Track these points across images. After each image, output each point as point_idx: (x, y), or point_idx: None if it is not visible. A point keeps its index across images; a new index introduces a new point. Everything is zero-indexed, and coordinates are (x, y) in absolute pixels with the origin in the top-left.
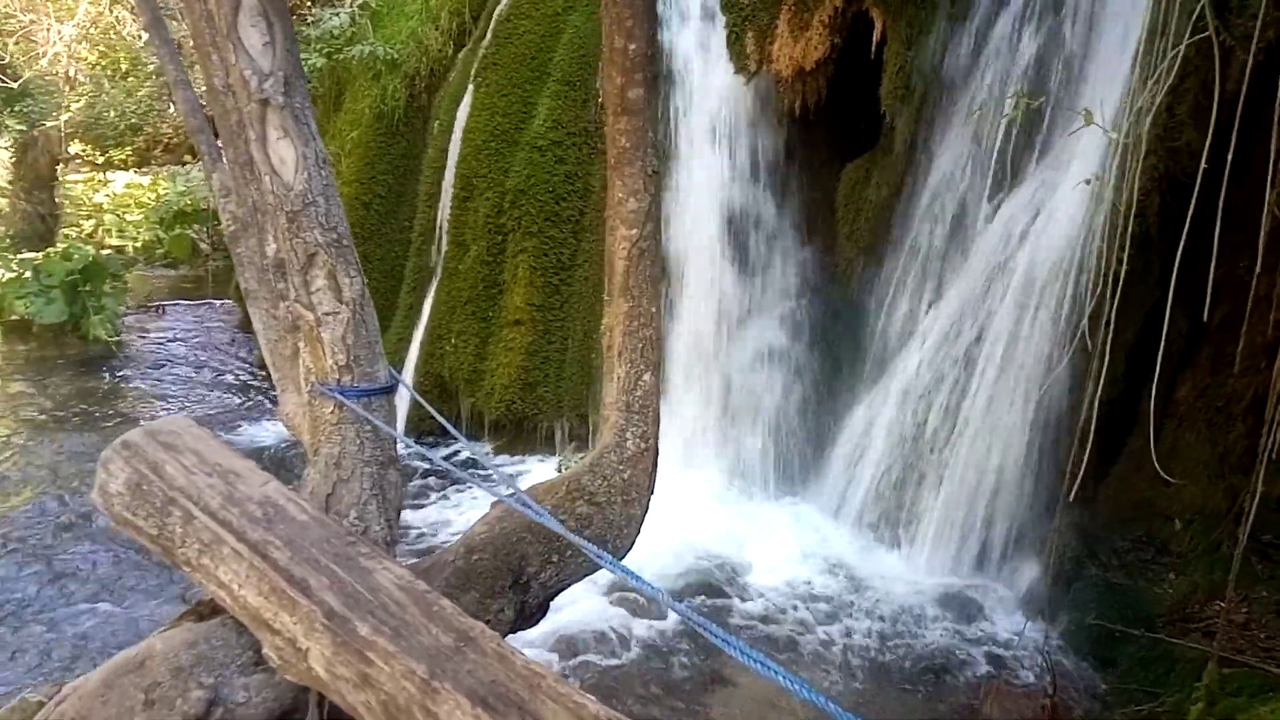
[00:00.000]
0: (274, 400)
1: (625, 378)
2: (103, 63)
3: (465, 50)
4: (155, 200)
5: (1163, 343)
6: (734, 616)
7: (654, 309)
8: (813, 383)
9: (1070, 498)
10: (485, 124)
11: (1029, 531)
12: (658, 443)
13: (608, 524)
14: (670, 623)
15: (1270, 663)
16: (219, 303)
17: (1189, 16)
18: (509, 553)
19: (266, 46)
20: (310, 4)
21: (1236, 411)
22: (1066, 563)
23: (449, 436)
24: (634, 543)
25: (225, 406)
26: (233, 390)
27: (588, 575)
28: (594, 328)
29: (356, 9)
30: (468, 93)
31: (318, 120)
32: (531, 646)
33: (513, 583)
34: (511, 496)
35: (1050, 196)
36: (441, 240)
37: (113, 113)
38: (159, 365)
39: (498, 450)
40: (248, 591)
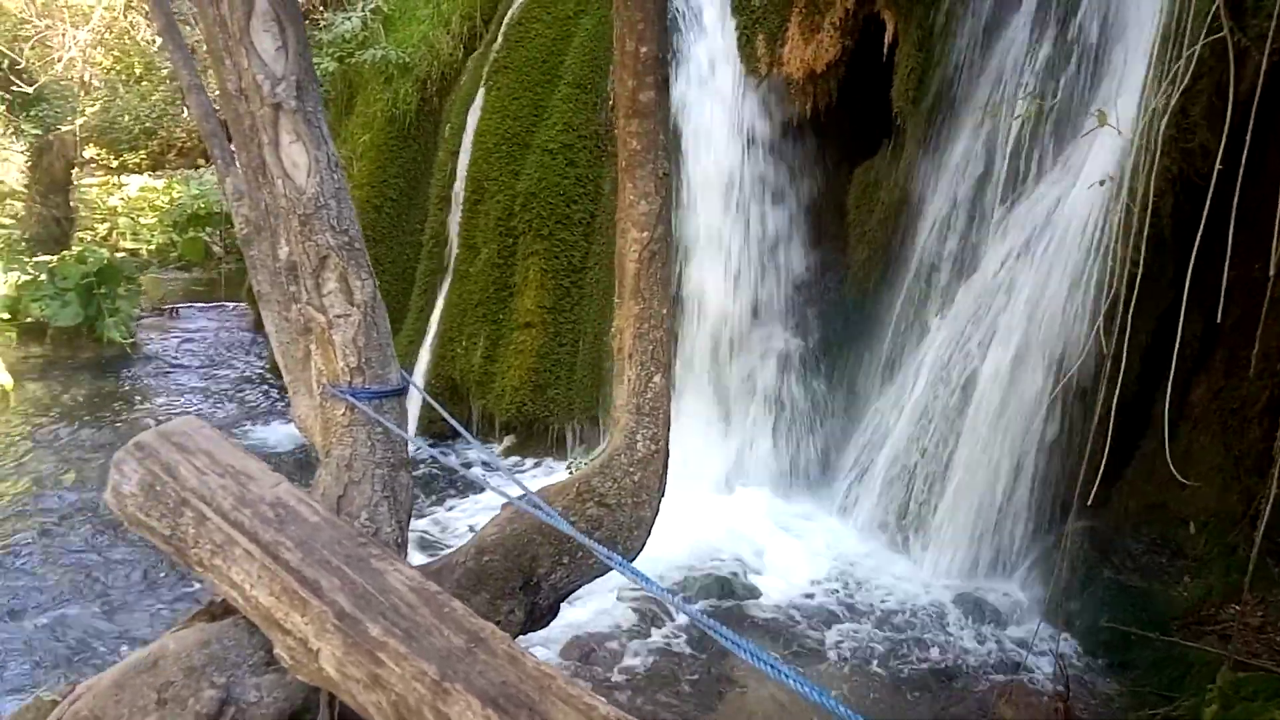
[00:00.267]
0: (286, 402)
1: (636, 380)
2: (117, 67)
3: (476, 54)
4: (169, 204)
5: (1177, 345)
6: (743, 619)
7: (665, 311)
8: (823, 384)
9: (1089, 501)
10: (496, 127)
11: (1042, 534)
12: (668, 445)
13: (618, 526)
14: (679, 625)
15: None
16: (232, 305)
17: (1204, 17)
18: (519, 554)
19: (279, 51)
20: (322, 8)
21: (1251, 415)
22: (1080, 565)
23: (460, 438)
24: (644, 545)
25: (238, 408)
26: (245, 392)
27: (598, 577)
28: (605, 330)
29: (368, 13)
30: (479, 96)
31: (330, 124)
32: (540, 648)
33: (523, 584)
34: (522, 498)
35: (1063, 198)
36: (452, 243)
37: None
38: (173, 367)
39: (508, 452)
40: (259, 592)
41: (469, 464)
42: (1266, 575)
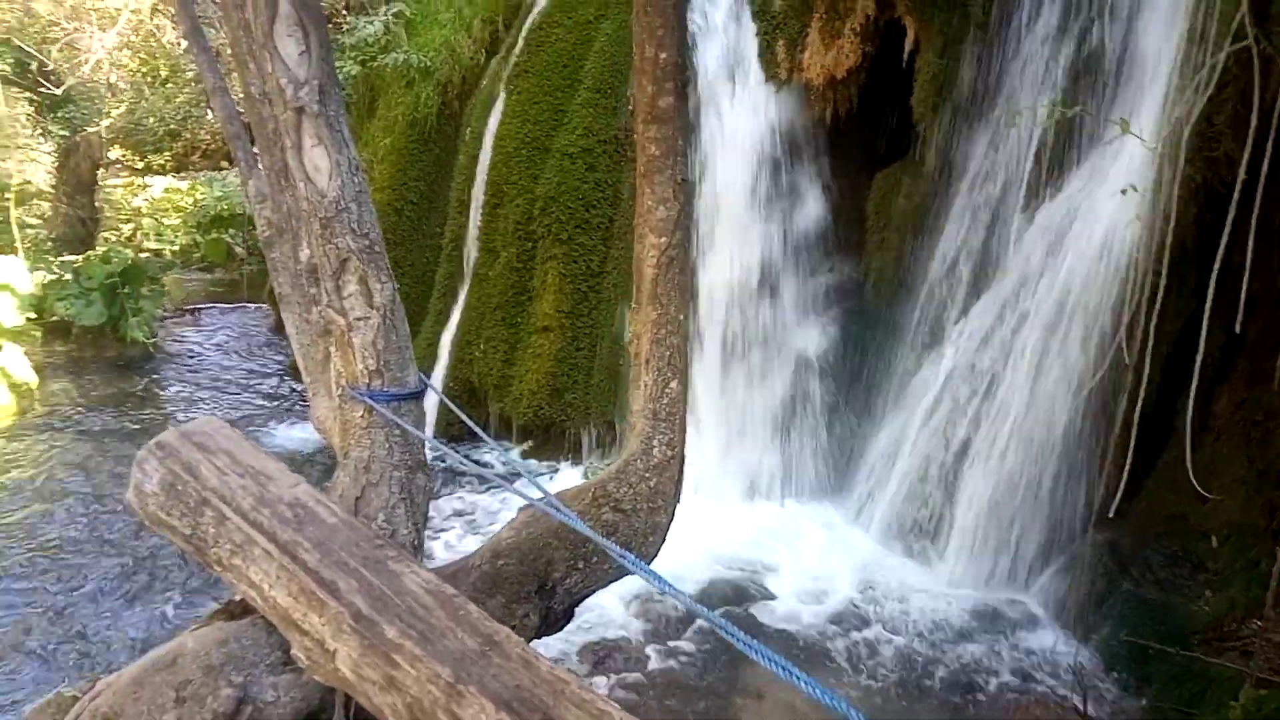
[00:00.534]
0: (305, 403)
1: (652, 385)
2: (143, 70)
3: (497, 58)
4: (192, 205)
5: (1200, 356)
6: (757, 627)
7: (682, 317)
8: (841, 391)
9: (1109, 513)
10: (516, 131)
11: (1060, 545)
12: (684, 451)
13: (633, 531)
14: (693, 633)
15: None
16: (253, 306)
17: (1228, 25)
18: (535, 558)
19: (302, 55)
20: (345, 12)
21: (1274, 427)
22: (1099, 578)
23: (477, 441)
24: (659, 550)
25: (257, 409)
26: (265, 393)
27: (613, 582)
28: (622, 335)
29: (391, 17)
30: (499, 100)
31: (351, 127)
32: (554, 653)
33: (538, 588)
34: (542, 500)
35: (1085, 207)
36: (471, 246)
37: (152, 119)
38: (194, 367)
39: (524, 455)
40: (278, 592)
41: (486, 467)
42: None
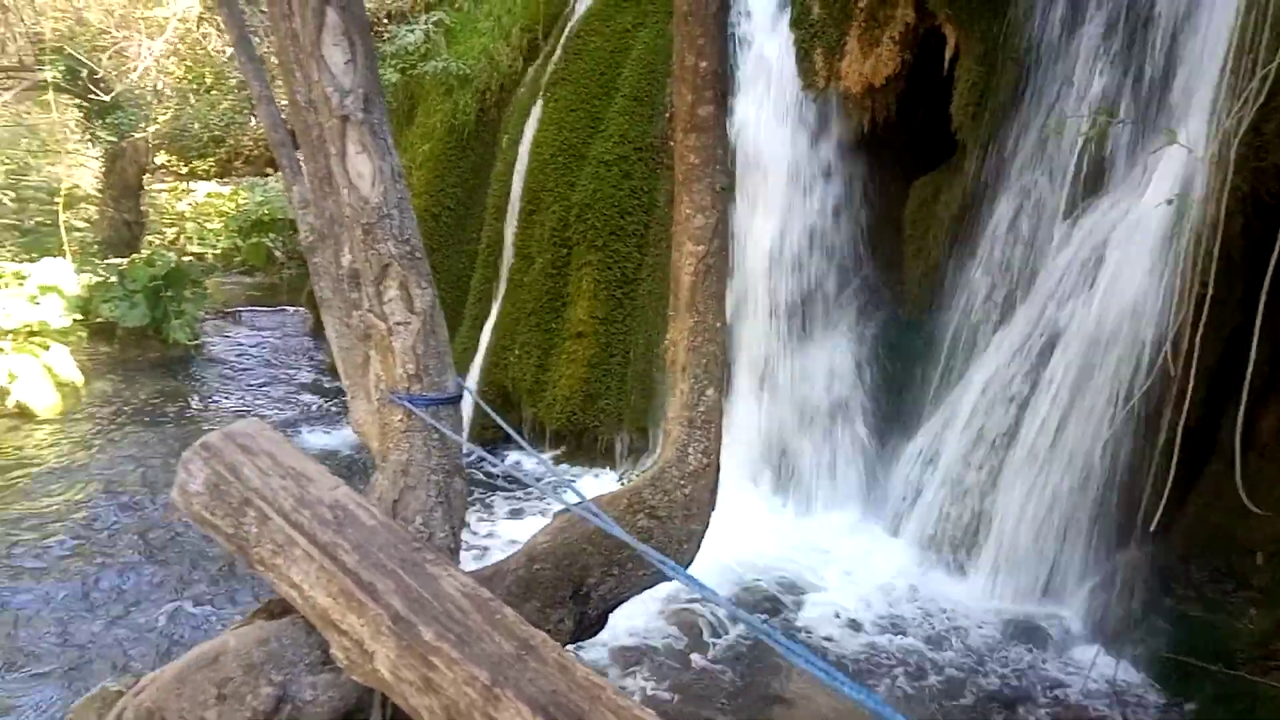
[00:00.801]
0: (343, 406)
1: (689, 393)
2: (188, 77)
3: (535, 66)
4: (234, 210)
5: (1250, 369)
6: (790, 635)
7: (719, 325)
8: (877, 400)
9: (1152, 527)
10: (553, 139)
11: (1100, 559)
12: (720, 459)
13: (668, 538)
14: (727, 641)
15: None
16: (292, 310)
17: (1278, 33)
18: (570, 563)
19: (348, 64)
20: (386, 20)
21: None
22: (1140, 593)
23: (511, 445)
24: (693, 558)
25: (296, 411)
26: (304, 395)
27: (647, 588)
28: (656, 341)
29: (431, 25)
30: (536, 107)
31: (392, 134)
32: (586, 659)
33: (573, 593)
34: (579, 505)
35: (1129, 217)
36: (507, 252)
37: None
38: (235, 369)
39: (557, 461)
40: (317, 592)
41: (525, 471)
42: None
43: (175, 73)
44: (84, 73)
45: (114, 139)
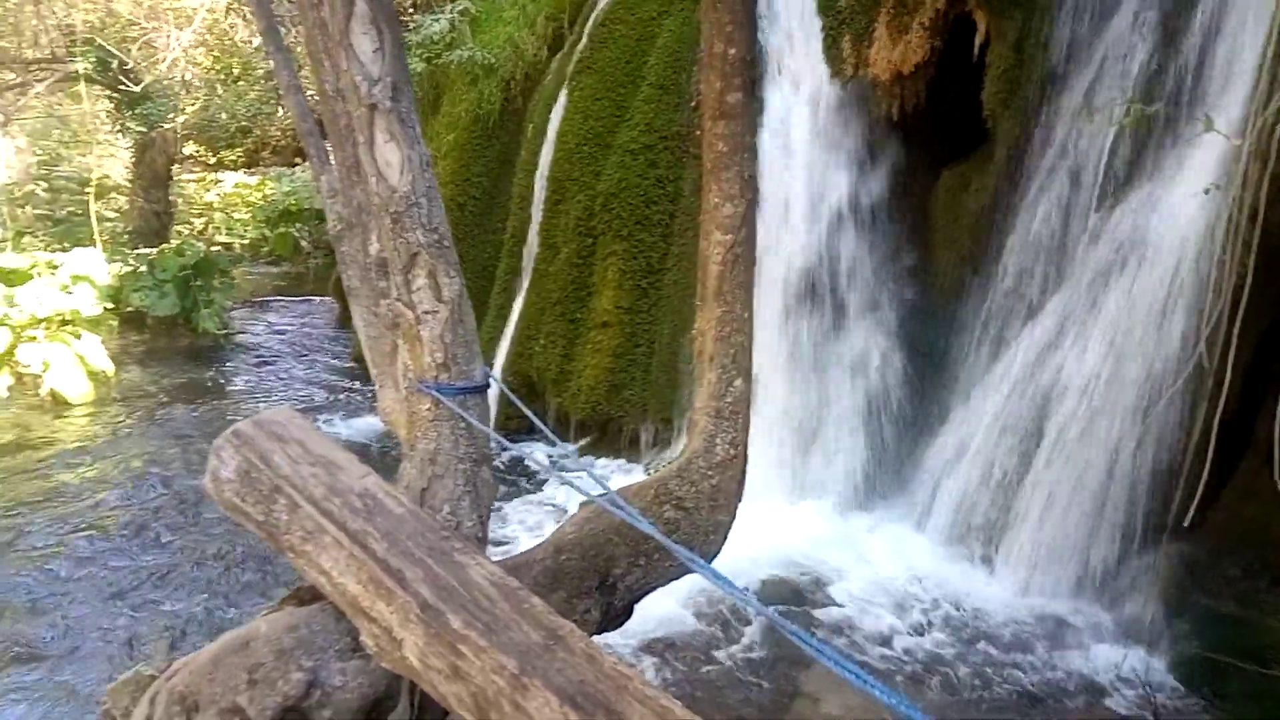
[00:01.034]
0: (370, 395)
1: (716, 383)
2: (216, 67)
3: (560, 55)
4: (262, 200)
5: None
6: (815, 631)
7: (747, 314)
8: (904, 392)
9: (1185, 522)
10: (578, 128)
11: (1130, 555)
12: (747, 450)
13: (695, 529)
14: (751, 635)
15: None
16: (318, 299)
17: None
18: (597, 554)
19: (376, 53)
20: (412, 10)
21: None
22: (1172, 589)
23: (535, 435)
24: (720, 550)
25: (324, 399)
26: (331, 384)
27: (673, 580)
28: (681, 331)
29: (457, 15)
30: (562, 96)
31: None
32: (612, 650)
33: (599, 584)
34: (604, 496)
35: (1163, 206)
36: (532, 242)
37: (225, 115)
38: (263, 358)
39: (582, 451)
40: (347, 580)
41: (553, 460)
42: None
43: (203, 63)
44: (114, 64)
45: (143, 129)
